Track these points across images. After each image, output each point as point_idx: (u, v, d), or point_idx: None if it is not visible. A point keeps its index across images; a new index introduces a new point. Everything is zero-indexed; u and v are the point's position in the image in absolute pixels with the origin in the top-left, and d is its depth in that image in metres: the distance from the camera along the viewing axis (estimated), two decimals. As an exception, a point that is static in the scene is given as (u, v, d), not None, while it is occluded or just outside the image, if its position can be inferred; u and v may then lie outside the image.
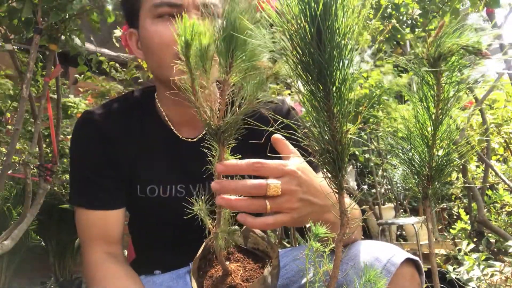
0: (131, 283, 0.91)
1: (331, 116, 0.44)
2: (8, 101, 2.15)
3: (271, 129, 0.55)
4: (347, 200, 0.50)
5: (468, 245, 1.78)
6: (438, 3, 2.24)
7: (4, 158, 1.86)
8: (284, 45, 0.42)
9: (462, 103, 0.48)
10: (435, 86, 0.47)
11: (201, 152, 0.66)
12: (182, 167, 1.02)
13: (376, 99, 2.06)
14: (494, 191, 2.47)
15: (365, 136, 2.22)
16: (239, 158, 0.64)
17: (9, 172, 2.23)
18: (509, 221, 2.44)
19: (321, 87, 0.42)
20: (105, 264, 0.95)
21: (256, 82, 0.57)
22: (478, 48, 0.43)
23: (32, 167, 1.90)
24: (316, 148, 0.47)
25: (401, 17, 2.47)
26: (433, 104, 0.48)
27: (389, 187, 3.08)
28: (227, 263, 0.70)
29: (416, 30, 2.45)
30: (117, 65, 2.66)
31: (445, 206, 3.08)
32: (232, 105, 0.58)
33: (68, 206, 2.47)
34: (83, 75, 2.50)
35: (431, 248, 0.53)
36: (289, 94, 2.36)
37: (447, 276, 1.72)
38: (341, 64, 0.41)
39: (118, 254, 0.99)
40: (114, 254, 0.98)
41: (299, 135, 0.48)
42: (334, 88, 0.43)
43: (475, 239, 2.35)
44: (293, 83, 0.44)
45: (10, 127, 2.30)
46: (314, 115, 0.45)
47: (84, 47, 1.96)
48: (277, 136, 0.72)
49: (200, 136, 1.04)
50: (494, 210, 2.57)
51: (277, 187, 0.64)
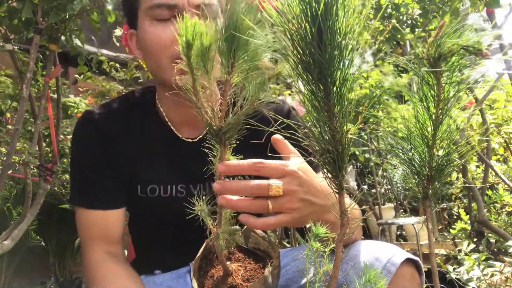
0: (132, 283, 0.91)
1: (331, 116, 0.44)
2: (8, 101, 2.15)
3: (272, 129, 0.55)
4: (347, 200, 0.50)
5: (469, 245, 1.78)
6: (438, 3, 2.24)
7: (4, 158, 1.86)
8: (285, 44, 0.42)
9: (462, 103, 0.48)
10: (435, 86, 0.47)
11: (201, 152, 0.66)
12: (182, 167, 1.02)
13: (376, 99, 2.06)
14: (494, 191, 2.47)
15: (365, 136, 2.22)
16: (240, 159, 0.64)
17: (9, 172, 2.23)
18: (509, 221, 2.44)
19: (321, 87, 0.42)
20: (105, 264, 0.95)
21: (258, 83, 0.56)
22: (478, 48, 0.43)
23: (32, 167, 1.90)
24: (317, 148, 0.47)
25: (401, 17, 2.47)
26: (433, 104, 0.48)
27: (389, 187, 3.08)
28: (228, 263, 0.70)
29: (416, 30, 2.45)
30: (117, 65, 2.65)
31: (445, 206, 3.08)
32: (234, 105, 0.58)
33: (68, 206, 2.47)
34: (83, 75, 2.50)
35: (431, 248, 0.53)
36: (289, 94, 2.36)
37: (447, 276, 1.72)
38: (341, 64, 0.41)
39: (118, 254, 0.99)
40: (114, 254, 0.98)
41: (300, 135, 0.48)
42: (335, 88, 0.43)
43: (475, 239, 2.35)
44: (293, 83, 0.44)
45: (10, 127, 2.30)
46: (315, 115, 0.45)
47: (84, 48, 1.96)
48: (277, 136, 0.72)
49: (200, 137, 1.04)
50: (494, 210, 2.57)
51: (279, 187, 0.64)
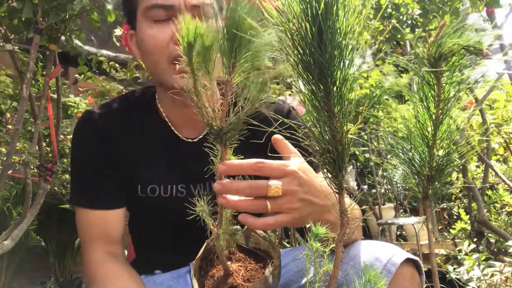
0: (132, 283, 0.91)
1: (331, 116, 0.44)
2: (8, 101, 2.15)
3: (272, 129, 0.55)
4: (347, 200, 0.50)
5: (469, 245, 1.78)
6: (438, 3, 2.24)
7: (4, 158, 1.86)
8: (285, 44, 0.42)
9: (462, 103, 0.48)
10: (435, 86, 0.47)
11: (201, 152, 0.66)
12: (183, 167, 1.02)
13: (376, 99, 2.06)
14: (494, 191, 2.47)
15: (365, 136, 2.21)
16: (241, 159, 0.64)
17: (9, 172, 2.23)
18: (509, 221, 2.44)
19: (321, 87, 0.42)
20: (105, 264, 0.95)
21: (260, 83, 0.56)
22: (479, 48, 0.43)
23: (32, 167, 1.90)
24: (317, 148, 0.46)
25: (401, 17, 2.47)
26: (433, 104, 0.48)
27: (389, 187, 3.08)
28: (229, 263, 0.70)
29: (416, 30, 2.45)
30: (117, 65, 2.65)
31: (445, 206, 3.08)
32: (235, 105, 0.58)
33: (68, 206, 2.47)
34: (83, 75, 2.50)
35: (431, 248, 0.53)
36: (289, 95, 2.36)
37: (447, 276, 1.72)
38: (342, 64, 0.41)
39: (118, 254, 0.99)
40: (114, 254, 0.98)
41: (300, 135, 0.48)
42: (335, 88, 0.43)
43: (475, 239, 2.35)
44: (294, 83, 0.44)
45: (10, 127, 2.30)
46: (315, 115, 0.45)
47: (84, 48, 1.96)
48: (277, 136, 0.72)
49: (200, 137, 1.04)
50: (494, 210, 2.57)
51: (277, 188, 0.64)
